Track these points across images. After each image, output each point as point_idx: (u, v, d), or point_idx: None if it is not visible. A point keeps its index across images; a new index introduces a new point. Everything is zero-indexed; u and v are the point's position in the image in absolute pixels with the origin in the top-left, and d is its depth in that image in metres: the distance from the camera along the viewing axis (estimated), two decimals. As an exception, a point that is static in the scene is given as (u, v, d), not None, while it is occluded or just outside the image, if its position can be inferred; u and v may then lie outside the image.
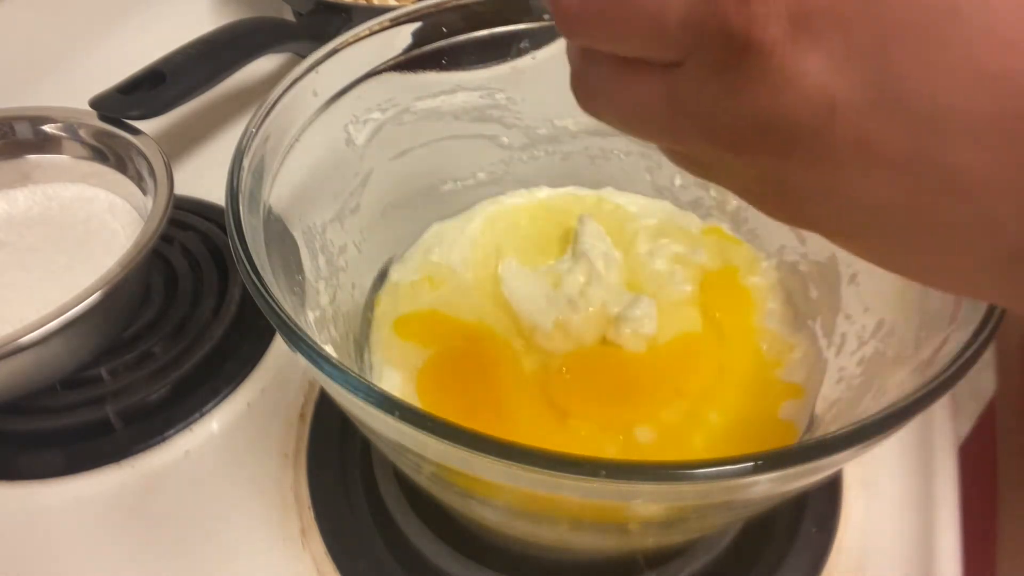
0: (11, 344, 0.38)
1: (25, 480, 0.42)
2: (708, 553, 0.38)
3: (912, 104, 0.14)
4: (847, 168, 0.15)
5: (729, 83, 0.16)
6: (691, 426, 0.36)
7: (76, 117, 0.52)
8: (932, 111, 0.14)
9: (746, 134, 0.16)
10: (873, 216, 0.16)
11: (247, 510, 0.41)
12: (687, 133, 0.18)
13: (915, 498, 0.41)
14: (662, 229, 0.44)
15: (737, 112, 0.16)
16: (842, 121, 0.15)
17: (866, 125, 0.15)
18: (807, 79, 0.15)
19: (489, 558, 0.38)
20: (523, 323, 0.40)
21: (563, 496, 0.26)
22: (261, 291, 0.27)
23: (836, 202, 0.16)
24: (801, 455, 0.22)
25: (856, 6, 0.14)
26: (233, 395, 0.46)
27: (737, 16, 0.15)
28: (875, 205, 0.16)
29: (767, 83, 0.15)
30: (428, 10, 0.39)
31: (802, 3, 0.14)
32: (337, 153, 0.39)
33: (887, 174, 0.15)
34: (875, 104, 0.14)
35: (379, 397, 0.24)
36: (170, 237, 0.53)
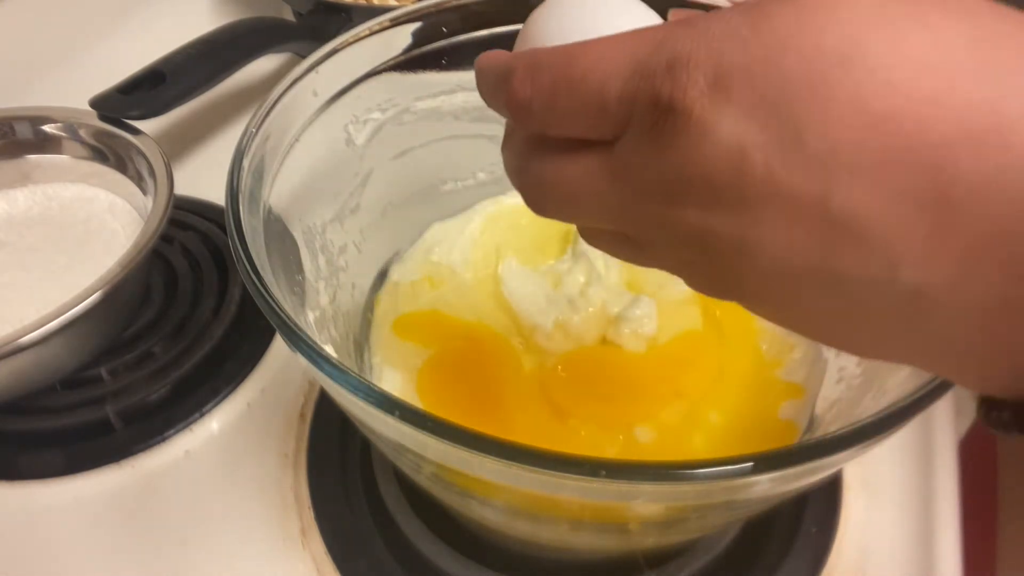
0: (11, 344, 0.38)
1: (25, 480, 0.42)
2: (708, 553, 0.38)
3: (810, 144, 0.15)
4: (762, 217, 0.17)
5: (658, 143, 0.18)
6: (691, 426, 0.36)
7: (76, 117, 0.52)
8: (828, 150, 0.15)
9: (674, 188, 0.18)
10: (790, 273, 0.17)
11: (247, 510, 0.41)
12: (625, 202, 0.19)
13: (915, 498, 0.41)
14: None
15: (666, 167, 0.18)
16: (752, 164, 0.16)
17: (772, 165, 0.16)
18: (721, 129, 0.16)
19: (489, 558, 0.38)
20: (523, 323, 0.40)
21: (563, 496, 0.26)
22: (261, 291, 0.27)
23: (755, 256, 0.17)
24: (801, 455, 0.22)
25: (762, 63, 0.16)
26: (233, 395, 0.46)
27: (663, 85, 0.17)
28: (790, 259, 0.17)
29: (689, 137, 0.17)
30: (428, 10, 0.39)
31: (718, 65, 0.17)
32: (337, 153, 0.39)
33: (796, 219, 0.16)
34: (779, 146, 0.16)
35: (379, 397, 0.24)
36: (170, 237, 0.53)
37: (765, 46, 0.16)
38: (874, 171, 0.15)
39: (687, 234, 0.19)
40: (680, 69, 0.17)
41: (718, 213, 0.17)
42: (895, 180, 0.15)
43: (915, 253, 0.15)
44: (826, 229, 0.16)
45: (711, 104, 0.16)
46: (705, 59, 0.17)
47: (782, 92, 0.16)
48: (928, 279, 0.16)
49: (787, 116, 0.16)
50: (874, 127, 0.15)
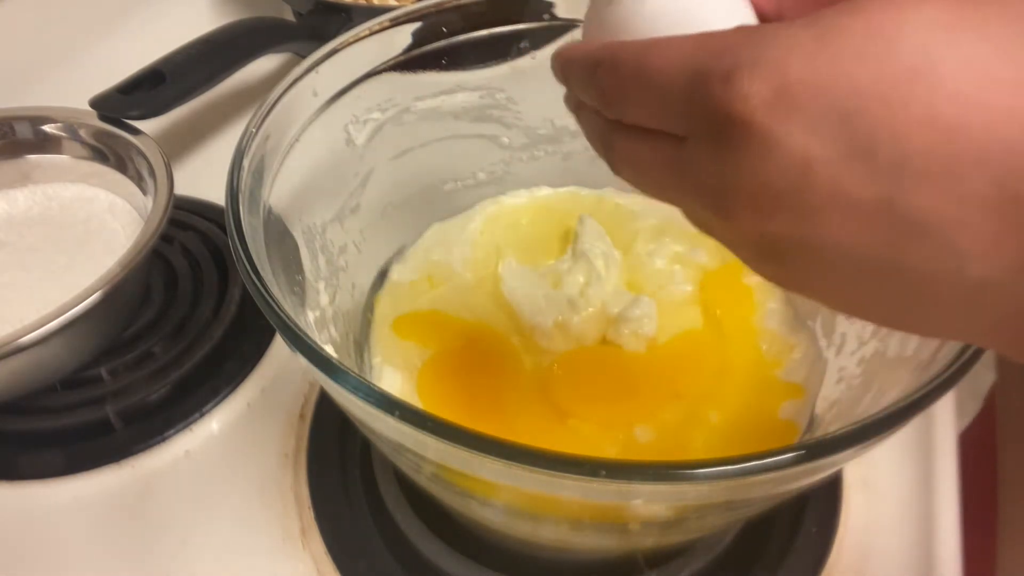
0: (11, 344, 0.38)
1: (25, 480, 0.42)
2: (708, 553, 0.38)
3: (880, 153, 0.16)
4: (826, 220, 0.17)
5: (720, 150, 0.18)
6: (691, 426, 0.36)
7: (76, 117, 0.52)
8: (897, 159, 0.16)
9: (735, 197, 0.18)
10: (854, 267, 0.18)
11: (247, 510, 0.41)
12: (691, 198, 0.20)
13: (915, 498, 0.41)
14: (662, 229, 0.44)
15: (727, 174, 0.18)
16: (818, 176, 0.17)
17: (839, 176, 0.16)
18: (785, 143, 0.17)
19: (489, 558, 0.38)
20: (523, 323, 0.40)
21: (563, 496, 0.26)
22: (261, 291, 0.27)
23: (821, 257, 0.18)
24: (801, 455, 0.22)
25: (831, 76, 0.16)
26: (233, 395, 0.46)
27: (722, 94, 0.17)
28: (854, 254, 0.17)
29: (751, 151, 0.17)
30: (428, 10, 0.39)
31: (782, 75, 0.17)
32: (337, 153, 0.39)
33: (861, 222, 0.17)
34: (846, 156, 0.16)
35: (379, 397, 0.24)
36: (170, 237, 0.53)
37: (833, 59, 0.16)
38: (943, 177, 0.16)
39: (746, 233, 0.19)
40: (740, 79, 0.17)
41: (779, 220, 0.18)
42: (964, 185, 0.16)
43: (982, 248, 0.16)
44: (893, 230, 0.17)
45: (774, 116, 0.17)
46: (769, 71, 0.17)
47: (853, 105, 0.16)
48: (995, 272, 0.16)
49: (858, 128, 0.16)
50: (945, 136, 0.16)
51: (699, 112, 0.18)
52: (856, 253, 0.17)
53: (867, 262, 0.17)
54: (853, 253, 0.17)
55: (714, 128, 0.18)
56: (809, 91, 0.16)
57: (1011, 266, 0.16)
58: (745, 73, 0.17)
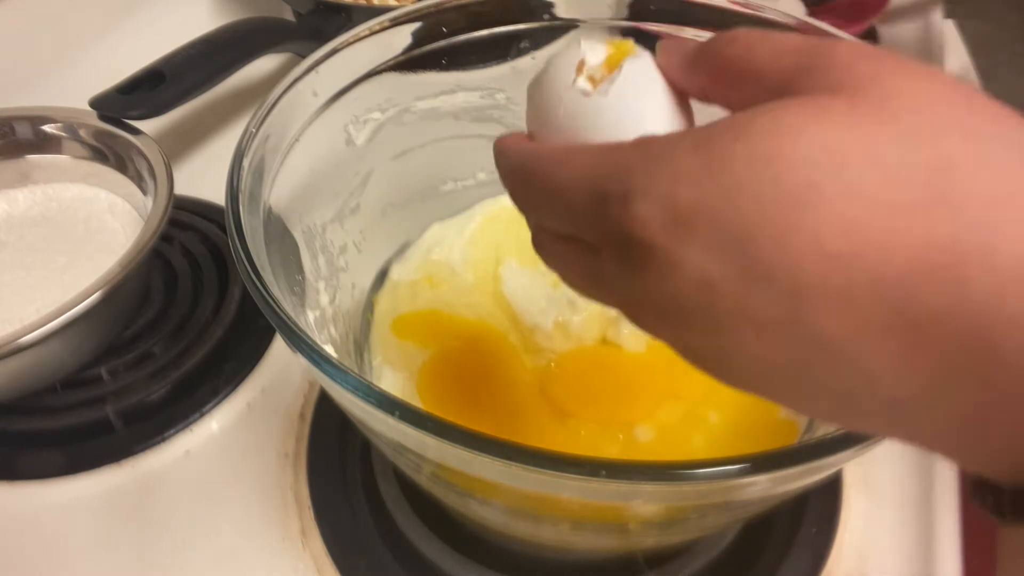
0: (11, 344, 0.38)
1: (25, 480, 0.42)
2: (708, 553, 0.38)
3: (775, 279, 0.16)
4: (738, 334, 0.17)
5: (630, 267, 0.18)
6: (691, 426, 0.36)
7: (76, 117, 0.52)
8: (793, 287, 0.16)
9: (649, 311, 0.19)
10: (769, 373, 0.18)
11: (247, 510, 0.41)
12: (604, 300, 0.21)
13: (915, 498, 0.41)
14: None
15: (639, 290, 0.19)
16: (721, 295, 0.17)
17: (742, 297, 0.17)
18: (686, 264, 0.17)
19: (489, 558, 0.38)
20: (523, 323, 0.40)
21: (563, 496, 0.26)
22: (261, 291, 0.27)
23: (736, 362, 0.18)
24: (801, 455, 0.23)
25: (719, 202, 0.17)
26: (233, 395, 0.46)
27: (620, 217, 0.18)
28: (766, 364, 0.18)
29: (656, 270, 0.18)
30: (428, 10, 0.39)
31: (675, 202, 0.17)
32: (337, 153, 0.39)
33: (771, 338, 0.17)
34: (745, 280, 0.16)
35: (379, 397, 0.24)
36: (170, 237, 0.53)
37: (720, 188, 0.17)
38: (841, 305, 0.16)
39: (668, 340, 0.20)
40: (635, 203, 0.18)
41: (693, 333, 0.18)
42: (862, 311, 0.16)
43: (889, 371, 0.16)
44: (802, 349, 0.17)
45: (671, 238, 0.17)
46: (661, 197, 0.17)
47: (743, 232, 0.16)
48: (906, 393, 0.16)
49: (751, 255, 0.16)
50: (836, 265, 0.16)
51: (603, 230, 0.19)
52: (771, 366, 0.18)
53: (784, 374, 0.18)
54: (768, 365, 0.18)
55: (619, 246, 0.18)
56: (700, 217, 0.17)
57: (923, 387, 0.16)
58: (639, 197, 0.17)
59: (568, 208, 0.20)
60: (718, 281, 0.17)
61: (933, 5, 0.72)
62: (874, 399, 0.17)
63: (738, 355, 0.18)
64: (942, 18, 0.71)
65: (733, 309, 0.17)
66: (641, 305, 0.19)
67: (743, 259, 0.16)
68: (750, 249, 0.16)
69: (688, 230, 0.17)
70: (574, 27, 0.41)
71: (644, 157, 0.18)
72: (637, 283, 0.18)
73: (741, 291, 0.17)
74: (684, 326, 0.18)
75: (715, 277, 0.17)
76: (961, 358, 0.15)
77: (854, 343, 0.16)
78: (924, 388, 0.16)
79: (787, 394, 0.19)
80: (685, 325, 0.18)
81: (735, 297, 0.17)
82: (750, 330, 0.17)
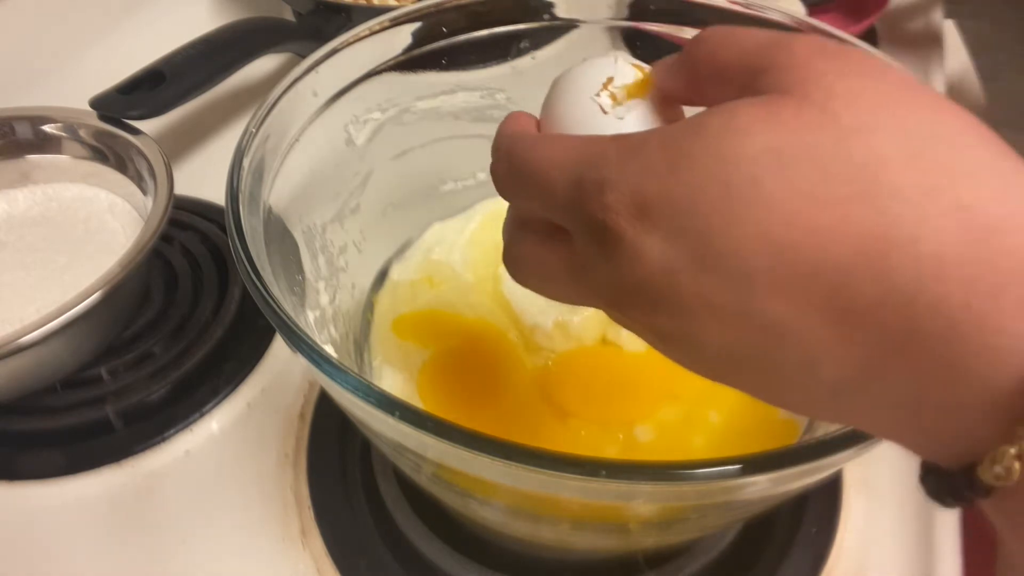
0: (11, 344, 0.38)
1: (25, 480, 0.42)
2: (708, 553, 0.38)
3: (727, 267, 0.18)
4: (699, 319, 0.19)
5: (602, 253, 0.20)
6: (691, 426, 0.36)
7: (76, 117, 0.52)
8: (742, 275, 0.18)
9: (620, 296, 0.20)
10: (731, 358, 0.19)
11: (247, 510, 0.41)
12: (590, 297, 0.22)
13: (915, 498, 0.41)
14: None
15: (611, 276, 0.20)
16: (682, 281, 0.18)
17: (699, 284, 0.18)
18: (651, 252, 0.19)
19: (489, 558, 0.38)
20: (523, 323, 0.40)
21: (563, 496, 0.26)
22: (261, 291, 0.27)
23: (702, 348, 0.20)
24: (801, 455, 0.23)
25: (678, 196, 0.18)
26: (233, 395, 0.46)
27: (594, 203, 0.19)
28: (727, 349, 0.19)
29: (625, 256, 0.19)
30: (428, 10, 0.39)
31: (642, 194, 0.19)
32: (337, 153, 0.39)
33: (726, 322, 0.18)
34: (701, 268, 0.18)
35: (379, 397, 0.24)
36: (170, 237, 0.53)
37: (681, 183, 0.18)
38: (785, 291, 0.17)
39: (639, 327, 0.21)
40: (608, 192, 0.19)
41: (661, 316, 0.20)
42: (803, 297, 0.17)
43: (831, 353, 0.17)
44: (754, 332, 0.18)
45: (639, 229, 0.19)
46: (630, 188, 0.19)
47: (699, 224, 0.18)
48: (845, 374, 0.18)
49: (706, 244, 0.18)
50: (780, 255, 0.17)
51: (578, 214, 0.20)
52: (730, 349, 0.19)
53: (742, 357, 0.19)
54: (728, 348, 0.19)
55: (593, 231, 0.20)
56: (663, 209, 0.18)
57: (859, 371, 0.17)
58: (611, 188, 0.19)
59: (548, 190, 0.21)
60: (678, 269, 0.18)
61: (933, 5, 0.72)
62: (820, 383, 0.18)
63: (703, 339, 0.19)
64: (942, 18, 0.71)
65: (694, 294, 0.18)
66: (615, 291, 0.20)
67: (699, 249, 0.18)
68: (705, 240, 0.18)
69: (652, 221, 0.18)
70: (574, 27, 0.41)
71: (619, 149, 0.20)
72: (610, 267, 0.20)
73: (699, 278, 0.18)
74: (653, 310, 0.20)
75: (676, 265, 0.18)
76: (890, 343, 0.17)
77: (798, 327, 0.17)
78: (860, 372, 0.17)
79: (748, 379, 0.20)
80: (653, 310, 0.20)
81: (694, 284, 0.18)
82: (709, 314, 0.19)
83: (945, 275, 0.16)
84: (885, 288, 0.16)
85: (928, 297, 0.16)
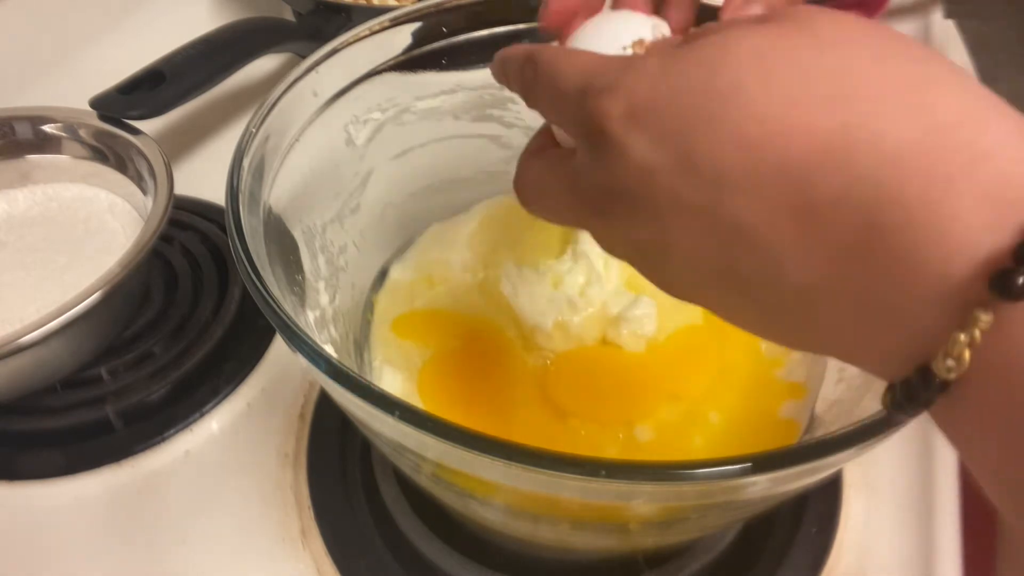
0: (11, 344, 0.38)
1: (25, 480, 0.42)
2: (708, 553, 0.38)
3: (702, 167, 0.19)
4: (672, 223, 0.20)
5: (595, 155, 0.21)
6: (691, 426, 0.36)
7: (76, 117, 0.52)
8: (715, 173, 0.18)
9: (604, 199, 0.22)
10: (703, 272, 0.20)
11: (247, 510, 0.41)
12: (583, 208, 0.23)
13: (915, 498, 0.41)
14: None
15: (599, 178, 0.21)
16: (659, 182, 0.19)
17: (675, 184, 0.19)
18: (635, 153, 0.20)
19: (489, 558, 0.38)
20: (523, 323, 0.40)
21: (563, 496, 0.26)
22: (261, 291, 0.27)
23: (674, 259, 0.21)
24: (801, 455, 0.23)
25: (666, 99, 0.19)
26: (233, 395, 0.46)
27: (593, 107, 0.21)
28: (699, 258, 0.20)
29: (612, 155, 0.20)
30: (428, 10, 0.39)
31: (633, 98, 0.20)
32: (337, 153, 0.39)
33: (697, 227, 0.19)
34: (678, 169, 0.19)
35: (379, 397, 0.24)
36: (170, 237, 0.53)
37: (670, 87, 0.19)
38: (753, 188, 0.18)
39: (621, 237, 0.22)
40: (607, 97, 0.20)
41: (638, 222, 0.21)
42: (770, 194, 0.18)
43: (795, 256, 0.18)
44: (722, 236, 0.19)
45: (628, 131, 0.20)
46: (625, 93, 0.20)
47: (681, 125, 0.19)
48: (808, 279, 0.18)
49: (684, 144, 0.19)
50: (750, 152, 0.18)
51: (581, 117, 0.21)
52: (700, 258, 0.20)
53: (712, 269, 0.20)
54: (698, 257, 0.20)
55: (590, 134, 0.21)
56: (650, 112, 0.19)
57: (821, 273, 0.18)
58: (610, 93, 0.20)
59: (561, 93, 0.23)
60: (657, 169, 0.19)
61: (933, 5, 0.72)
62: (783, 294, 0.19)
63: (674, 249, 0.20)
64: (942, 18, 0.71)
65: (669, 197, 0.19)
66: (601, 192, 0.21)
67: (677, 150, 0.19)
68: (684, 142, 0.19)
69: (638, 123, 0.20)
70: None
71: (627, 62, 0.21)
72: (599, 168, 0.21)
73: (675, 180, 0.19)
74: (632, 215, 0.21)
75: (656, 165, 0.19)
76: (851, 241, 0.17)
77: (764, 229, 0.18)
78: (823, 277, 0.18)
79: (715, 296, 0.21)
80: (632, 213, 0.21)
81: (670, 185, 0.19)
82: (682, 220, 0.19)
83: (904, 166, 0.17)
84: (847, 182, 0.17)
85: (887, 191, 0.17)
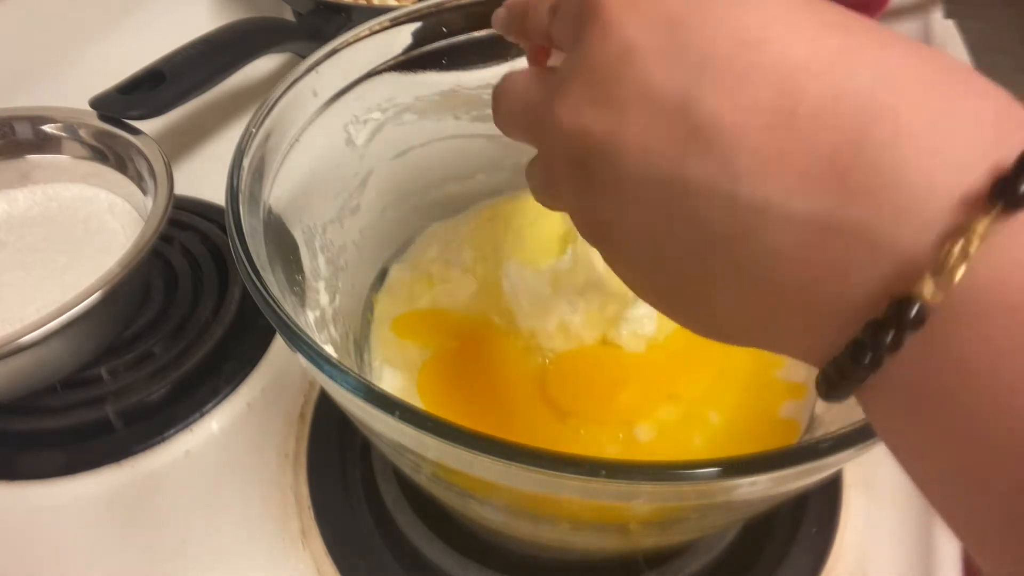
0: (11, 344, 0.38)
1: (25, 480, 0.42)
2: (708, 553, 0.38)
3: (688, 53, 0.18)
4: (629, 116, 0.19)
5: (577, 34, 0.21)
6: (691, 426, 0.36)
7: (76, 117, 0.52)
8: (700, 60, 0.18)
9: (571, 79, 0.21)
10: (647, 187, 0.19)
11: (247, 510, 0.41)
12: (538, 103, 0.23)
13: (915, 498, 0.41)
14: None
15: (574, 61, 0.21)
16: (633, 66, 0.19)
17: (649, 68, 0.19)
18: (618, 31, 0.19)
19: (489, 558, 0.38)
20: (523, 323, 0.40)
21: (563, 496, 0.26)
22: (261, 291, 0.27)
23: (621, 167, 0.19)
24: (801, 455, 0.23)
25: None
26: (233, 395, 0.46)
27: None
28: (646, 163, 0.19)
29: (595, 32, 0.20)
30: (428, 10, 0.39)
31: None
32: (337, 153, 0.39)
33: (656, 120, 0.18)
34: (661, 52, 0.19)
35: (379, 397, 0.24)
36: (170, 237, 0.53)
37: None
38: (735, 83, 0.17)
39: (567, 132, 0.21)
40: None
41: (591, 108, 0.20)
42: (751, 93, 0.17)
43: (757, 166, 0.17)
44: (681, 131, 0.18)
45: (620, 9, 0.20)
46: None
47: (680, 13, 0.19)
48: (765, 193, 0.17)
49: (678, 31, 0.19)
50: (746, 48, 0.18)
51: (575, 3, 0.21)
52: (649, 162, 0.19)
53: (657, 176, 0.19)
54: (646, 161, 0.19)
55: (579, 13, 0.21)
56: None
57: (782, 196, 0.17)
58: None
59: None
60: (637, 49, 0.19)
61: (933, 5, 0.72)
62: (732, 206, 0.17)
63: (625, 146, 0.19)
64: (942, 18, 0.71)
65: (639, 81, 0.19)
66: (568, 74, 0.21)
67: (666, 36, 0.19)
68: (679, 27, 0.19)
69: (635, 7, 0.20)
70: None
71: None
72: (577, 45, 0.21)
73: (653, 63, 0.19)
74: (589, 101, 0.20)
75: (637, 46, 0.19)
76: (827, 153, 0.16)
77: (732, 127, 0.17)
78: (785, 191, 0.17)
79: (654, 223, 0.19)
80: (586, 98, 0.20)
81: (644, 68, 0.19)
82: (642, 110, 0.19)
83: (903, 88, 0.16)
84: (839, 93, 0.16)
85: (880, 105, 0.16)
